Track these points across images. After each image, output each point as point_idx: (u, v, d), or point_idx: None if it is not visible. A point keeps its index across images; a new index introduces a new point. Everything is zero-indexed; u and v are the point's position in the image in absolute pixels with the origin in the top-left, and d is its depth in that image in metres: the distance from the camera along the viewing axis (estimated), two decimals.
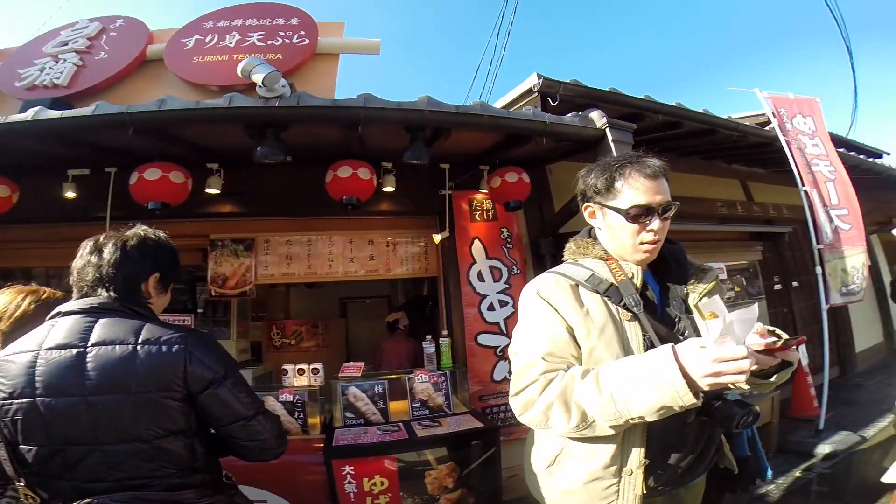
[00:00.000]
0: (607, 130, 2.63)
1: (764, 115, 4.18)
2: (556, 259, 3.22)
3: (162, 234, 1.27)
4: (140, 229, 1.24)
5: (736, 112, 4.82)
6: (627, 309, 1.12)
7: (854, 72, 6.26)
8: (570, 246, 1.27)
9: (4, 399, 1.00)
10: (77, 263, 1.16)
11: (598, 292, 1.13)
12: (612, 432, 1.02)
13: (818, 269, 3.76)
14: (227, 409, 1.14)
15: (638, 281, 1.15)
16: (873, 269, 5.90)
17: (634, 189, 1.10)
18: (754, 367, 0.90)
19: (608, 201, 1.14)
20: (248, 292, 3.24)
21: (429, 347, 2.86)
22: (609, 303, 1.12)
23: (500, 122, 2.52)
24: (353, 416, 2.51)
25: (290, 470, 2.09)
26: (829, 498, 2.66)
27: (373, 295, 5.48)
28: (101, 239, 1.18)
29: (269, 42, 3.39)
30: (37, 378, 1.00)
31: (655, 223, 1.11)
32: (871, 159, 5.08)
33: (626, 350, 1.10)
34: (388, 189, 2.94)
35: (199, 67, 3.30)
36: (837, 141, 4.60)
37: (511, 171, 2.97)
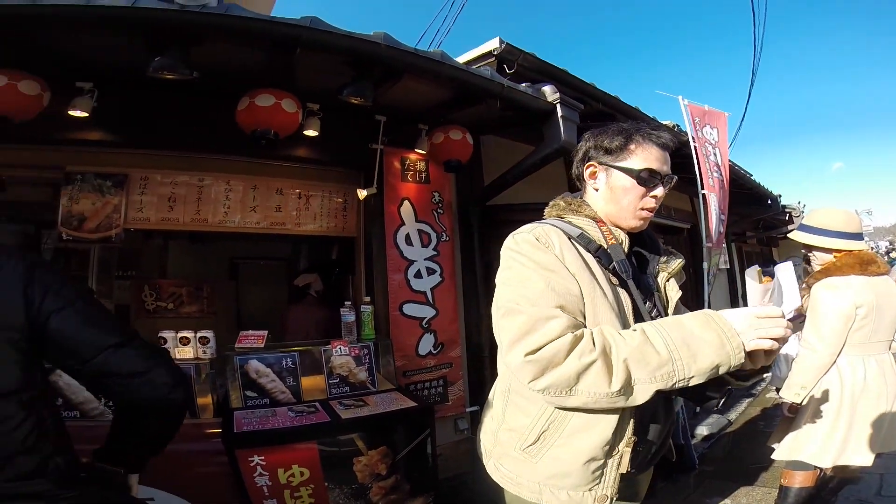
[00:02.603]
0: (558, 106, 2.59)
1: (668, 124, 4.51)
2: (484, 230, 3.20)
3: None
4: None
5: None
6: (616, 274, 1.07)
7: (749, 96, 7.01)
8: (557, 202, 1.19)
9: None
10: None
11: (588, 251, 1.06)
12: (645, 399, 0.90)
13: (705, 265, 4.17)
14: (83, 335, 0.83)
15: (626, 247, 1.11)
16: (730, 272, 6.91)
17: (647, 153, 1.09)
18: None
19: (617, 162, 1.11)
20: (114, 237, 2.54)
21: (348, 316, 2.52)
22: (599, 265, 1.06)
23: (460, 75, 2.27)
24: (255, 395, 2.11)
25: (179, 461, 1.63)
26: (715, 476, 2.87)
27: (270, 256, 4.83)
28: None
29: None
30: None
31: (660, 190, 1.10)
32: (746, 175, 5.82)
33: (622, 316, 1.02)
34: (311, 133, 2.51)
35: None
36: None
37: (456, 128, 2.75)
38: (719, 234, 4.32)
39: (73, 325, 0.83)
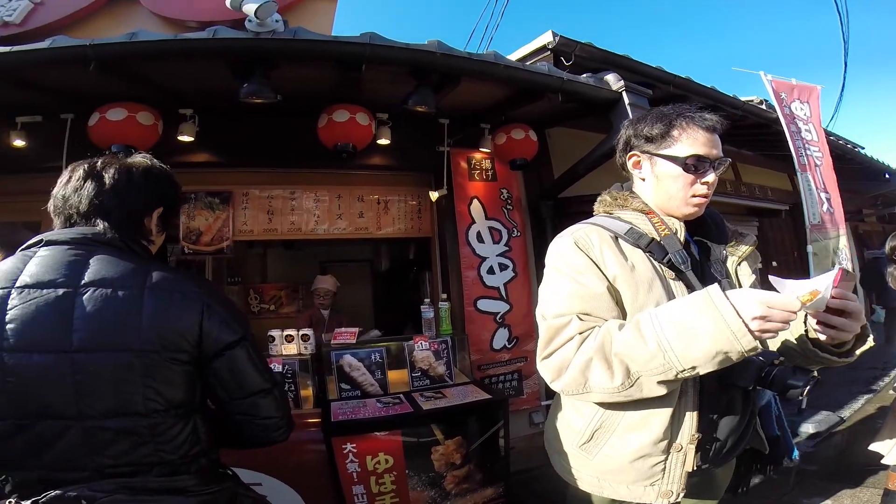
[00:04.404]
0: (624, 94, 2.52)
1: (753, 100, 4.12)
2: (556, 223, 3.18)
3: (165, 166, 1.04)
4: (143, 156, 1.00)
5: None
6: (672, 266, 1.02)
7: (846, 66, 6.24)
8: (604, 198, 1.17)
9: None
10: (62, 191, 0.91)
11: (639, 247, 1.03)
12: (661, 391, 0.89)
13: (809, 248, 3.77)
14: (244, 378, 0.92)
15: (682, 236, 1.06)
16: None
17: (693, 139, 1.02)
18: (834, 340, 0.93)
19: (661, 150, 1.05)
20: (226, 249, 2.94)
21: (427, 312, 2.67)
22: (652, 259, 1.02)
23: (516, 74, 2.32)
24: (348, 387, 2.32)
25: (283, 449, 1.83)
26: (817, 476, 2.68)
27: (354, 258, 5.21)
28: (99, 164, 0.94)
29: None
30: (7, 325, 0.76)
31: (711, 176, 1.03)
32: (854, 149, 5.17)
33: None
34: (383, 142, 2.70)
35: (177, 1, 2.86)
36: None
37: (517, 127, 2.78)
38: (827, 215, 3.89)
39: (241, 363, 0.89)
